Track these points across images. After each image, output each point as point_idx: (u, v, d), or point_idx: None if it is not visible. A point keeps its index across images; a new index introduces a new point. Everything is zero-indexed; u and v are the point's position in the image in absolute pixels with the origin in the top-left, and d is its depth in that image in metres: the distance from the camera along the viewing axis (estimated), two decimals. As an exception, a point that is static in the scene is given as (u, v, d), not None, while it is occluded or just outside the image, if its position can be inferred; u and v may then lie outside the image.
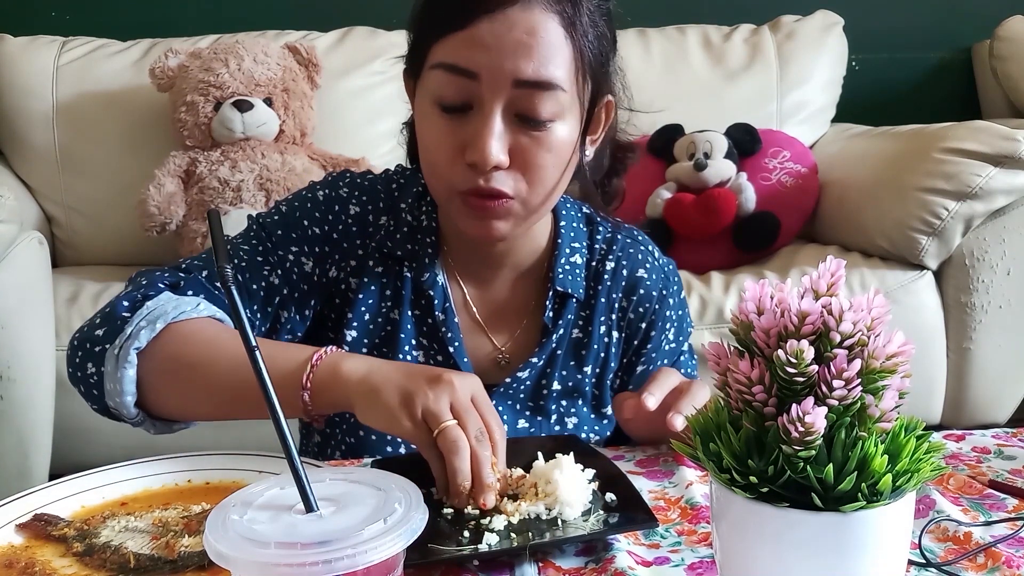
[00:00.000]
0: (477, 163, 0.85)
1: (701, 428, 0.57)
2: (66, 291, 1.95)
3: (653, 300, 1.04)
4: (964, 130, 1.96)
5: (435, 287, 0.98)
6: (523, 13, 0.83)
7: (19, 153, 2.32)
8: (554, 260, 1.00)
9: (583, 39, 0.86)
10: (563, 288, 1.00)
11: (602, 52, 0.90)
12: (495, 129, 0.85)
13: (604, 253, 1.03)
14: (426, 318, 0.99)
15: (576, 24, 0.86)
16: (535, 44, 0.83)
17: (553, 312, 1.00)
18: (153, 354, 0.86)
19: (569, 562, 0.69)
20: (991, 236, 1.94)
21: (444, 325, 0.98)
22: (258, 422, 0.89)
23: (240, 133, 2.15)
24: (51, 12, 2.54)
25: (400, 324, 0.98)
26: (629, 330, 1.04)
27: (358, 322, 0.98)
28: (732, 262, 2.14)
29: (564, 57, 0.85)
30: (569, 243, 1.02)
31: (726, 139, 2.21)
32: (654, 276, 1.04)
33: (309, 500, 0.53)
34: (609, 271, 1.02)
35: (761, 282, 0.55)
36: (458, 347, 0.98)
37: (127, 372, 0.85)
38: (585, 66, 0.88)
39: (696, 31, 2.52)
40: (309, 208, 0.98)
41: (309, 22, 2.47)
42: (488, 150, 0.84)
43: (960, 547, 0.69)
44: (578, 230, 1.03)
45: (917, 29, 2.73)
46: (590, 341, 1.02)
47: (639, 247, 1.05)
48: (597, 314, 1.02)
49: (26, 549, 0.69)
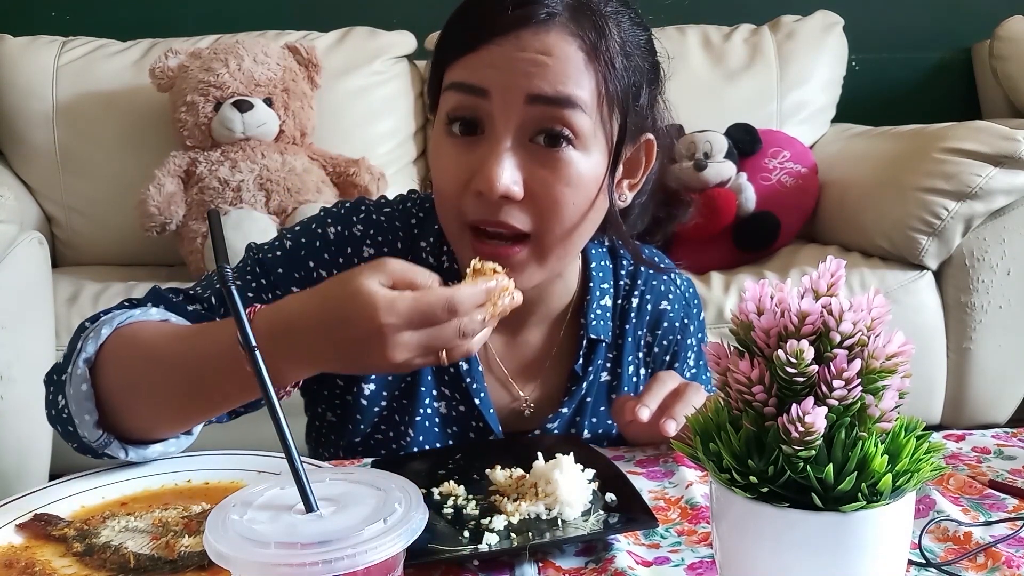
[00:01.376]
0: (484, 191, 0.78)
1: (701, 428, 0.57)
2: (66, 291, 1.95)
3: (676, 331, 1.01)
4: (964, 130, 1.96)
5: None
6: (538, 35, 0.78)
7: (19, 153, 2.32)
8: (586, 306, 0.95)
9: (608, 68, 0.79)
10: (596, 335, 0.95)
11: (634, 84, 0.83)
12: (504, 152, 0.78)
13: (629, 289, 0.99)
14: (447, 367, 0.92)
15: (600, 50, 0.79)
16: (551, 63, 0.77)
17: (584, 360, 0.96)
18: (104, 363, 0.79)
19: (569, 562, 0.69)
20: (991, 236, 1.94)
21: (469, 375, 0.92)
22: (256, 423, 0.89)
23: (240, 133, 2.14)
24: (51, 12, 2.54)
25: (420, 375, 0.93)
26: (654, 364, 1.01)
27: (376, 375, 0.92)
28: (732, 262, 2.14)
29: (586, 81, 0.79)
30: (599, 285, 0.97)
31: (726, 139, 2.21)
32: (676, 306, 1.02)
33: (309, 500, 0.53)
34: (634, 308, 0.99)
35: (761, 282, 0.55)
36: (484, 398, 0.93)
37: (80, 388, 0.78)
38: (611, 96, 0.80)
39: (696, 31, 2.52)
40: (318, 247, 0.90)
41: (309, 22, 2.47)
42: (496, 176, 0.77)
43: (960, 547, 0.69)
44: (605, 268, 0.99)
45: (917, 29, 2.73)
46: (619, 384, 0.98)
47: (661, 276, 1.02)
48: (625, 354, 0.98)
49: (26, 549, 0.69)
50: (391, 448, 0.94)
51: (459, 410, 0.94)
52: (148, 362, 0.78)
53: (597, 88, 0.80)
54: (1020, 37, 2.46)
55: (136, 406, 0.79)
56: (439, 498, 0.76)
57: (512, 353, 0.97)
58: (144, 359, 0.79)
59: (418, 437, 0.93)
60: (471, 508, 0.74)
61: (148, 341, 0.80)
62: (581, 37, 0.79)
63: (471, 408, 0.94)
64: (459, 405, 0.94)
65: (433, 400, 0.94)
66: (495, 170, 0.77)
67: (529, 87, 0.78)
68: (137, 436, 0.80)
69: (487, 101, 0.79)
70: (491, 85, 0.78)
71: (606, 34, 0.80)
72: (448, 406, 0.94)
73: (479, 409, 0.93)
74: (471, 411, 0.94)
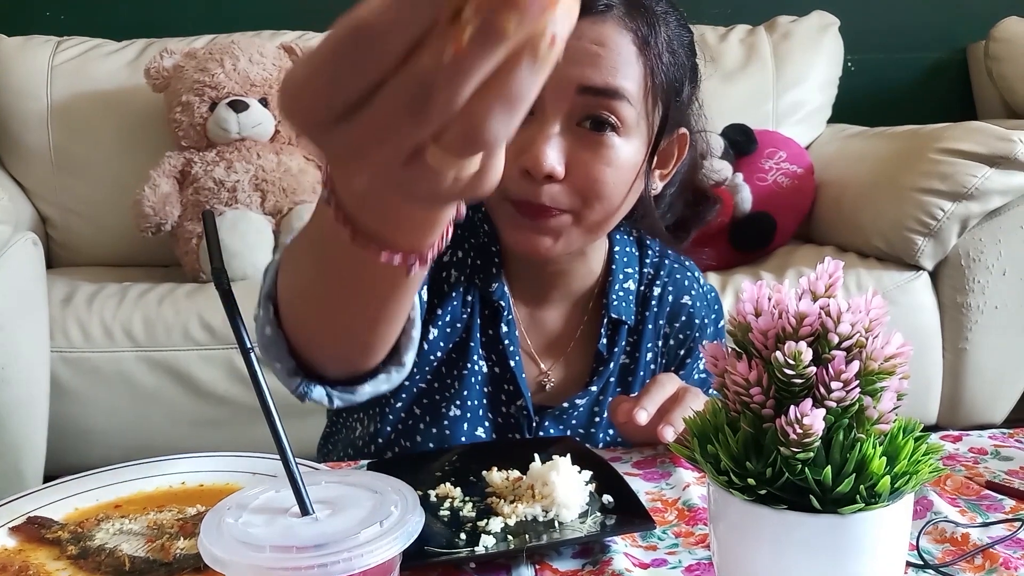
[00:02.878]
0: (530, 169, 0.82)
1: (699, 430, 0.56)
2: (61, 292, 1.95)
3: (694, 327, 1.02)
4: (960, 131, 1.96)
5: (503, 298, 0.96)
6: (594, 25, 0.82)
7: (13, 153, 2.32)
8: (608, 286, 0.98)
9: (657, 60, 0.84)
10: (617, 315, 0.98)
11: (677, 80, 0.88)
12: (552, 135, 0.82)
13: (652, 278, 1.02)
14: (488, 329, 0.97)
15: (650, 44, 0.84)
16: (604, 54, 0.81)
17: (608, 340, 0.98)
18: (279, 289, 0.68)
19: (566, 564, 0.68)
20: (987, 237, 1.95)
21: (507, 338, 0.96)
22: (252, 425, 0.89)
23: (235, 133, 2.14)
24: (46, 12, 2.53)
25: (471, 332, 0.96)
26: (668, 356, 1.02)
27: (441, 322, 0.95)
28: (728, 262, 2.14)
29: (634, 73, 0.83)
30: (623, 268, 1.00)
31: (722, 139, 2.21)
32: (698, 303, 1.03)
33: (305, 503, 0.53)
34: (656, 296, 1.01)
35: (759, 283, 0.55)
36: (518, 362, 0.96)
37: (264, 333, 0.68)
38: (656, 88, 0.85)
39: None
40: None
41: (305, 22, 2.47)
42: (543, 156, 0.81)
43: (958, 548, 0.69)
44: (630, 255, 1.02)
45: (913, 30, 2.74)
46: (637, 368, 1.00)
47: (686, 272, 1.04)
48: (644, 340, 1.00)
49: (19, 552, 0.68)
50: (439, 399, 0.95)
51: (495, 372, 0.97)
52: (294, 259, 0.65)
53: (644, 80, 0.84)
54: (1015, 38, 2.47)
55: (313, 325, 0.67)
56: (436, 500, 0.76)
57: (536, 329, 1.00)
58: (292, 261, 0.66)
59: (462, 392, 0.95)
60: (468, 510, 0.74)
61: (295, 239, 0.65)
62: (634, 31, 0.83)
63: (505, 370, 0.96)
64: (496, 366, 0.97)
65: (480, 359, 0.97)
66: (543, 150, 0.82)
67: (582, 78, 0.82)
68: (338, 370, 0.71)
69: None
70: None
71: (656, 29, 0.85)
72: (488, 366, 0.97)
73: (512, 372, 0.96)
74: (505, 373, 0.96)
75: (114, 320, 1.87)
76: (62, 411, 1.78)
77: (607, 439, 0.99)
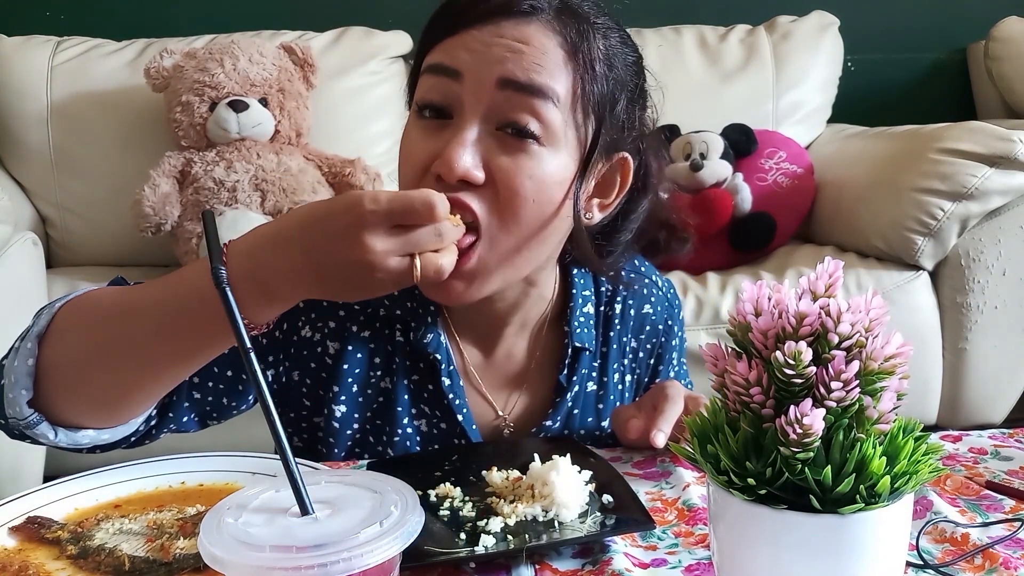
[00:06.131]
0: (443, 174, 0.76)
1: (699, 430, 0.56)
2: (60, 292, 1.94)
3: (660, 333, 1.01)
4: (960, 131, 1.96)
5: (439, 349, 0.89)
6: (518, 25, 0.78)
7: (13, 153, 2.31)
8: (570, 313, 0.94)
9: (586, 70, 0.79)
10: (580, 343, 0.93)
11: (613, 95, 0.82)
12: (469, 136, 0.77)
13: (611, 295, 0.98)
14: (426, 384, 0.91)
15: (581, 51, 0.79)
16: (527, 51, 0.77)
17: (568, 369, 0.94)
18: (57, 331, 0.75)
19: (566, 564, 0.68)
20: (987, 237, 1.95)
21: (451, 391, 0.90)
22: (252, 425, 0.88)
23: (235, 133, 2.14)
24: (45, 12, 2.53)
25: (395, 394, 0.91)
26: (640, 369, 1.01)
27: (346, 395, 0.90)
28: (728, 263, 2.14)
29: (561, 76, 0.78)
30: (581, 292, 0.95)
31: (722, 139, 2.21)
32: (659, 308, 1.01)
33: (304, 503, 0.53)
34: (618, 314, 0.98)
35: (759, 283, 0.55)
36: (467, 414, 0.91)
37: (26, 363, 0.74)
38: (586, 98, 0.79)
39: (692, 31, 2.52)
40: None
41: (305, 22, 2.46)
42: (456, 158, 0.76)
43: (958, 548, 0.69)
44: (584, 275, 0.97)
45: (912, 30, 2.74)
46: (606, 393, 0.97)
47: (643, 280, 1.00)
48: (611, 362, 0.97)
49: (19, 552, 0.68)
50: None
51: (440, 427, 0.92)
52: (113, 317, 0.75)
53: (573, 88, 0.79)
54: (1015, 38, 2.47)
55: (93, 374, 0.74)
56: (435, 500, 0.76)
57: (491, 367, 0.94)
58: (107, 316, 0.75)
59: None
60: (467, 510, 0.74)
61: (112, 298, 0.76)
62: (563, 35, 0.79)
63: (453, 425, 0.91)
64: (440, 423, 0.92)
65: (412, 420, 0.91)
66: (456, 151, 0.76)
67: (502, 71, 0.77)
68: (78, 417, 0.76)
69: (459, 84, 0.78)
70: (464, 67, 0.78)
71: (589, 38, 0.80)
72: (429, 424, 0.92)
73: (462, 426, 0.91)
74: (453, 428, 0.91)
75: (114, 320, 1.87)
76: (62, 411, 1.78)
77: None
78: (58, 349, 0.75)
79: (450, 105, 0.79)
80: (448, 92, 0.79)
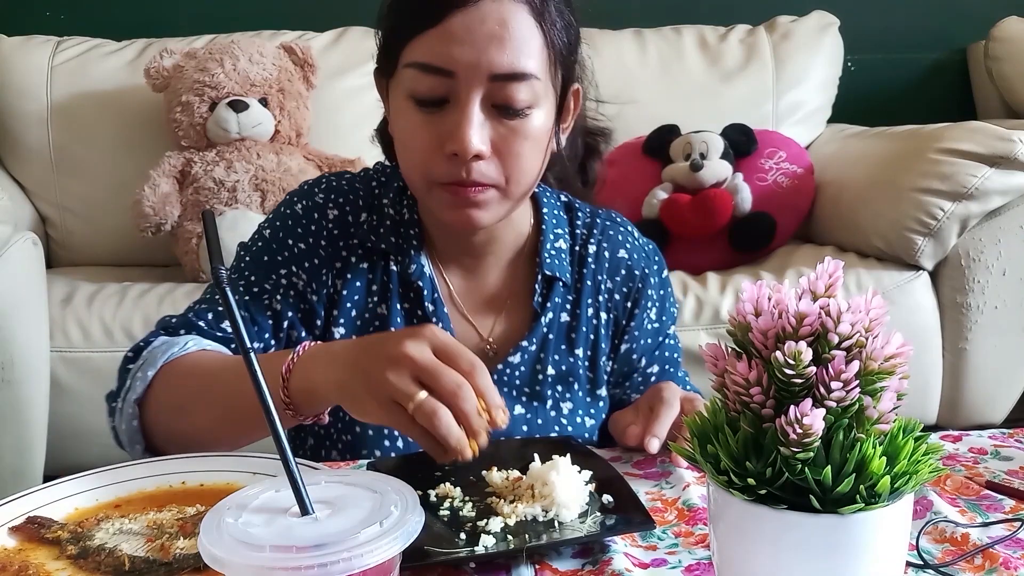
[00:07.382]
0: (458, 152, 0.87)
1: (699, 430, 0.56)
2: (60, 292, 1.95)
3: (636, 279, 1.05)
4: (960, 131, 1.96)
5: (423, 278, 0.99)
6: (494, 5, 0.85)
7: (13, 153, 2.32)
8: (540, 245, 1.02)
9: (552, 28, 0.88)
10: (551, 272, 1.01)
11: (570, 41, 0.92)
12: (474, 120, 0.86)
13: (586, 237, 1.05)
14: (415, 310, 1.00)
15: (545, 14, 0.88)
16: (507, 36, 0.85)
17: (542, 297, 1.01)
18: (151, 402, 0.90)
19: (566, 564, 0.68)
20: (987, 237, 1.95)
21: (435, 316, 0.99)
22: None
23: (235, 133, 2.14)
24: (45, 12, 2.53)
25: (389, 318, 0.99)
26: (616, 311, 1.05)
27: (345, 319, 0.99)
28: (728, 263, 2.14)
29: (536, 47, 0.87)
30: (552, 228, 1.03)
31: (722, 139, 2.21)
32: (635, 255, 1.06)
33: (304, 503, 0.53)
34: (592, 254, 1.04)
35: (759, 283, 0.55)
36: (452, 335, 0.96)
37: (131, 424, 0.90)
38: (556, 55, 0.90)
39: (692, 31, 2.52)
40: (290, 225, 0.99)
41: (305, 22, 2.47)
42: (469, 139, 0.86)
43: (958, 548, 0.69)
44: (559, 217, 1.05)
45: (913, 30, 2.74)
46: (579, 324, 1.03)
47: (619, 228, 1.07)
48: (584, 297, 1.03)
49: (19, 552, 0.68)
50: None
51: None
52: (194, 393, 0.89)
53: (545, 49, 0.89)
54: (1015, 38, 2.47)
55: (183, 430, 0.89)
56: (435, 500, 0.76)
57: (471, 291, 1.03)
58: (191, 391, 0.89)
59: None
60: (467, 510, 0.74)
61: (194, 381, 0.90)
62: (528, 3, 0.87)
63: None
64: None
65: None
66: (468, 132, 0.86)
67: (491, 67, 0.85)
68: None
69: (453, 80, 0.86)
70: (456, 67, 0.85)
71: None
72: None
73: None
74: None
75: (114, 320, 1.87)
76: (62, 411, 1.78)
77: (555, 396, 1.01)
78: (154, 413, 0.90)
79: (445, 95, 0.88)
80: (442, 86, 0.87)
